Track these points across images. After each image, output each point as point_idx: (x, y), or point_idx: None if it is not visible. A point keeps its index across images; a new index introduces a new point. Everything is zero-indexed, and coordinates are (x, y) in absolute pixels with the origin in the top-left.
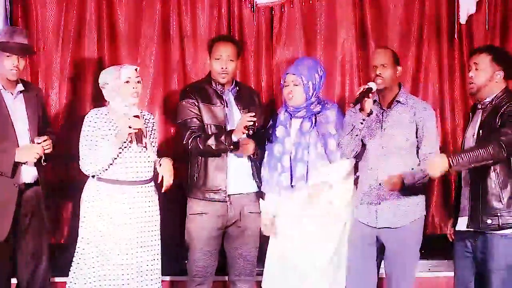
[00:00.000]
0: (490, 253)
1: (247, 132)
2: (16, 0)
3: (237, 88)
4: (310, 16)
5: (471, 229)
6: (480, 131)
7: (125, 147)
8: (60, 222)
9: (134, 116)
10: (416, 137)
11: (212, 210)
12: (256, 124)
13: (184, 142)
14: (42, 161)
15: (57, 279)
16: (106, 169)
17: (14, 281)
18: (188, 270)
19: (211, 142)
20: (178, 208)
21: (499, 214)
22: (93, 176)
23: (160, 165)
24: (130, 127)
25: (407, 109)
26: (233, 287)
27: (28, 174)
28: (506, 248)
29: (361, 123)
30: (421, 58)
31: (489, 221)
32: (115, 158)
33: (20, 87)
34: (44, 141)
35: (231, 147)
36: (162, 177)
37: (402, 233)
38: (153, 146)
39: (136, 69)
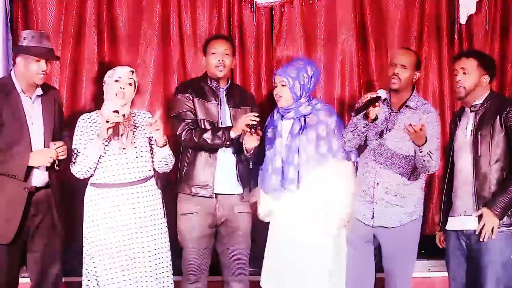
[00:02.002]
0: (486, 249)
1: (248, 130)
2: (16, 0)
3: (230, 87)
4: (310, 16)
5: (466, 228)
6: (479, 133)
7: (111, 149)
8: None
9: (114, 111)
10: None
11: (201, 208)
12: (259, 126)
13: (177, 133)
14: (55, 165)
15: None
16: (92, 172)
17: (23, 280)
18: (182, 269)
19: (207, 136)
20: (174, 207)
21: (510, 214)
22: (88, 181)
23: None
24: (107, 121)
25: (416, 113)
26: (226, 287)
27: (39, 178)
28: (502, 243)
29: (364, 127)
30: (421, 58)
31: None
32: (100, 158)
33: (39, 91)
34: (60, 147)
35: (228, 143)
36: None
37: (398, 233)
38: (146, 146)
39: (131, 71)
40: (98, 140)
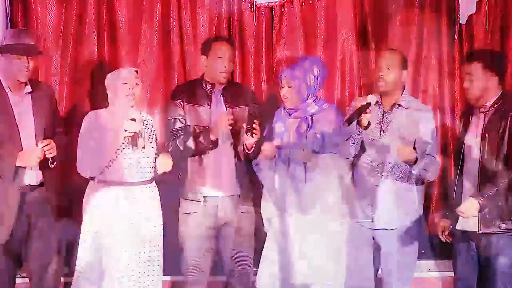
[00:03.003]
0: (496, 253)
1: (245, 133)
2: (16, 0)
3: (227, 87)
4: (310, 16)
5: (477, 229)
6: (487, 135)
7: (123, 149)
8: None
9: (131, 120)
10: (415, 141)
11: (202, 209)
12: (255, 126)
13: (165, 145)
14: (49, 163)
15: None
16: (102, 172)
17: (19, 280)
18: (182, 269)
19: (190, 143)
20: (176, 208)
21: None
22: (91, 178)
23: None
24: (125, 130)
25: (409, 112)
26: (229, 287)
27: (33, 176)
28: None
29: (358, 134)
30: (421, 58)
31: (503, 226)
32: (117, 156)
33: (28, 89)
34: (47, 145)
35: (210, 146)
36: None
37: (398, 235)
38: (152, 147)
39: (136, 71)
40: (112, 146)
